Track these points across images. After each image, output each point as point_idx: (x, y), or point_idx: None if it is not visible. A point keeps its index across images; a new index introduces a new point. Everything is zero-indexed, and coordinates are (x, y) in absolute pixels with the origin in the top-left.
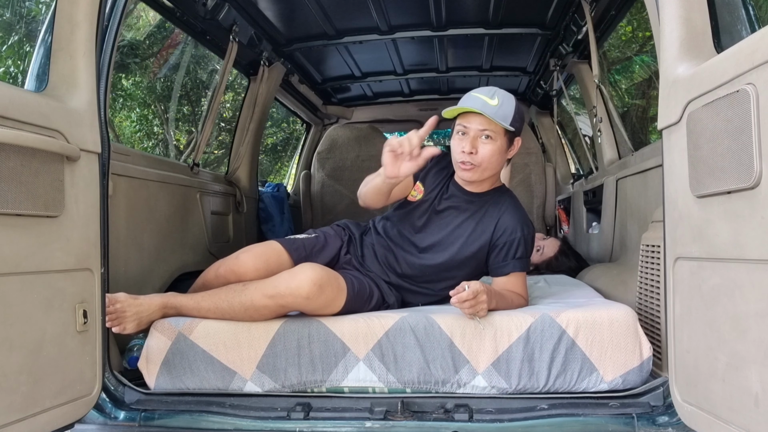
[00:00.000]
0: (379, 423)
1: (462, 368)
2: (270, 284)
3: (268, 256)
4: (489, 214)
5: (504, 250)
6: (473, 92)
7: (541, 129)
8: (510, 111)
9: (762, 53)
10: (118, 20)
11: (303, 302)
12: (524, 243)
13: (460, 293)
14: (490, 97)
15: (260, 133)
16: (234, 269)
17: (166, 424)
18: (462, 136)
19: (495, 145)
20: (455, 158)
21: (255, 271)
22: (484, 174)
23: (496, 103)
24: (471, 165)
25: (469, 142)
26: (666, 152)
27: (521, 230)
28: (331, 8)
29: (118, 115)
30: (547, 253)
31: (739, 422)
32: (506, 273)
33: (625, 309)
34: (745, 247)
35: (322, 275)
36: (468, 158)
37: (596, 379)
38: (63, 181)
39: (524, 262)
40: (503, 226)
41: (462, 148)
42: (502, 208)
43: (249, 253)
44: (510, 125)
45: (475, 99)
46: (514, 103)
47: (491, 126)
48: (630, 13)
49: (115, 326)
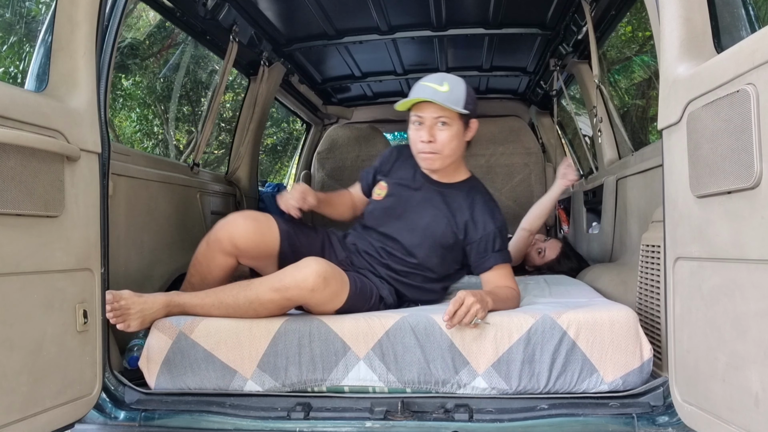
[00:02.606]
0: (379, 423)
1: (462, 369)
2: (275, 278)
3: (259, 222)
4: (459, 208)
5: (482, 245)
6: (422, 81)
7: (541, 129)
8: (461, 95)
9: (762, 53)
10: (118, 20)
11: (308, 294)
12: (500, 235)
13: (447, 311)
14: (439, 84)
15: (260, 133)
16: (225, 225)
17: (166, 424)
18: (419, 126)
19: (452, 131)
20: (416, 149)
21: (245, 230)
22: (447, 161)
23: (446, 89)
24: (432, 153)
25: (426, 131)
26: (666, 152)
27: (494, 223)
28: (331, 8)
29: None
30: (549, 255)
31: (739, 422)
32: (489, 267)
33: (626, 310)
34: (745, 247)
35: (326, 268)
36: (428, 147)
37: (596, 380)
38: (63, 181)
39: (505, 253)
40: (476, 221)
41: (420, 138)
42: (472, 202)
43: (241, 215)
44: (463, 108)
45: (425, 88)
46: (465, 87)
47: (445, 112)
48: (630, 13)
49: (120, 323)
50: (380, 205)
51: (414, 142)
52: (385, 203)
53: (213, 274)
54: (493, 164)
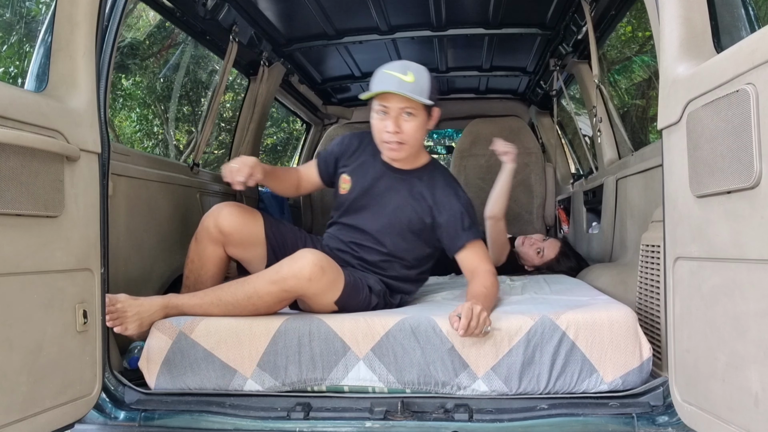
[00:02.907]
0: (379, 423)
1: (462, 372)
2: (272, 270)
3: (242, 207)
4: (422, 193)
5: (451, 226)
6: (385, 69)
7: (541, 129)
8: (426, 85)
9: (762, 53)
10: (118, 20)
11: (306, 284)
12: (467, 212)
13: (461, 323)
14: (403, 74)
15: (260, 133)
16: (210, 214)
17: (166, 424)
18: (383, 115)
19: (417, 121)
20: (380, 139)
21: (229, 214)
22: (411, 150)
23: (411, 80)
24: (397, 144)
25: (392, 121)
26: (666, 152)
27: (458, 201)
28: (331, 8)
29: (118, 115)
30: (548, 255)
31: (738, 422)
32: (462, 245)
33: (625, 310)
34: (745, 247)
35: (322, 258)
36: (394, 137)
37: (596, 380)
38: (63, 182)
39: (475, 230)
40: (440, 203)
41: (386, 128)
42: (434, 185)
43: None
44: (428, 98)
45: (390, 77)
46: (428, 75)
47: (410, 103)
48: (630, 13)
49: (117, 326)
50: (346, 199)
51: (378, 131)
52: (350, 196)
53: (206, 269)
54: (493, 164)
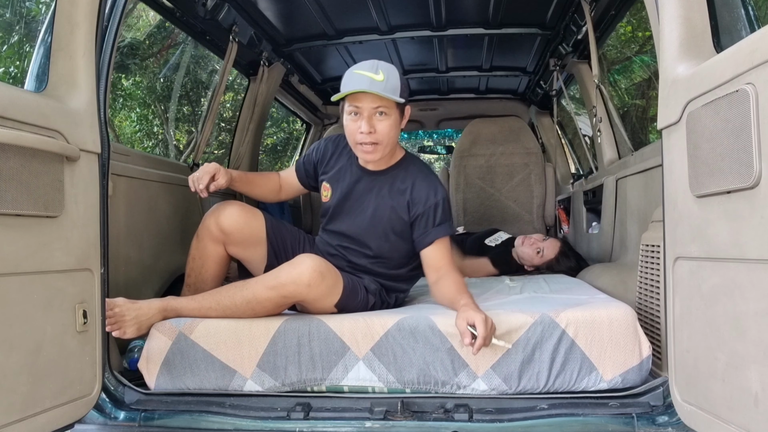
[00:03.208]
0: (379, 423)
1: (461, 371)
2: (271, 275)
3: (243, 207)
4: (400, 190)
5: (423, 220)
6: (355, 69)
7: (541, 129)
8: (397, 83)
9: (761, 53)
10: (118, 20)
11: (305, 290)
12: (442, 208)
13: (477, 343)
14: (374, 73)
15: (260, 133)
16: (211, 213)
17: (166, 424)
18: (355, 116)
19: (390, 120)
20: (354, 140)
21: (230, 213)
22: (385, 150)
23: (382, 78)
24: (372, 145)
25: (365, 121)
26: (666, 152)
27: (435, 195)
28: (331, 8)
29: (118, 115)
30: (547, 255)
31: (738, 422)
32: (429, 242)
33: (625, 308)
34: (744, 247)
35: (321, 263)
36: (368, 138)
37: (596, 378)
38: (63, 182)
39: (446, 226)
40: (417, 198)
41: (359, 129)
42: (412, 180)
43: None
44: (399, 96)
45: (361, 77)
46: (398, 73)
47: (383, 102)
48: (630, 13)
49: (115, 330)
50: (329, 206)
51: (352, 133)
52: (332, 203)
53: (206, 267)
54: (493, 164)
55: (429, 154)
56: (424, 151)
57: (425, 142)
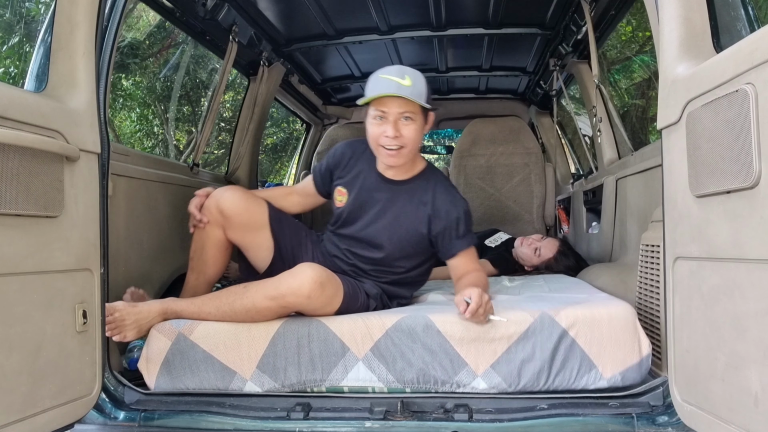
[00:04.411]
0: (379, 423)
1: (461, 370)
2: (271, 285)
3: (245, 192)
4: (423, 201)
5: (447, 233)
6: (381, 74)
7: (541, 129)
8: (423, 88)
9: (761, 53)
10: (118, 20)
11: (305, 301)
12: (464, 221)
13: (469, 308)
14: (401, 78)
15: (260, 133)
16: (212, 196)
17: (166, 424)
18: (380, 120)
19: (416, 125)
20: (378, 143)
21: (231, 197)
22: (408, 156)
23: (409, 83)
24: (396, 149)
25: (391, 125)
26: (665, 152)
27: (456, 210)
28: (331, 8)
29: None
30: (545, 254)
31: (738, 422)
32: (455, 253)
33: (624, 306)
34: (744, 247)
35: (321, 273)
36: (393, 142)
37: (595, 376)
38: (62, 182)
39: (468, 237)
40: (438, 212)
41: (385, 133)
42: (432, 194)
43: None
44: (425, 102)
45: (388, 82)
46: (424, 79)
47: (409, 107)
48: (630, 13)
49: (116, 335)
50: (343, 211)
51: (376, 137)
52: (348, 208)
53: (206, 250)
54: (493, 164)
55: (429, 154)
56: (424, 151)
57: (425, 142)
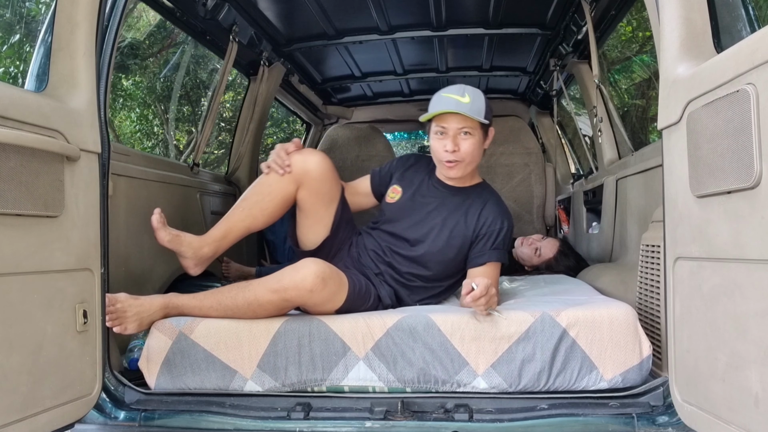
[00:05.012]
0: (379, 423)
1: (462, 370)
2: (273, 279)
3: (334, 172)
4: (473, 207)
5: (483, 240)
6: (443, 93)
7: (541, 129)
8: (482, 105)
9: (762, 53)
10: (118, 20)
11: (306, 295)
12: (504, 235)
13: (472, 293)
14: (461, 96)
15: (260, 133)
16: (300, 154)
17: (166, 424)
18: (441, 136)
19: (474, 140)
20: (439, 157)
21: (321, 159)
22: (468, 168)
23: (468, 101)
24: (455, 162)
25: (450, 140)
26: (666, 152)
27: (501, 222)
28: (331, 8)
29: (118, 115)
30: (545, 254)
31: (739, 422)
32: (482, 263)
33: (625, 307)
34: (745, 247)
35: (324, 269)
36: (452, 156)
37: (596, 377)
38: (63, 181)
39: (501, 253)
40: (485, 217)
41: (445, 148)
42: (485, 202)
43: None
44: (484, 118)
45: (448, 100)
46: (483, 97)
47: (468, 123)
48: (630, 13)
49: (116, 326)
50: (393, 207)
51: (437, 151)
52: (398, 205)
53: (270, 196)
54: (493, 164)
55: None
56: (425, 151)
57: (425, 142)
